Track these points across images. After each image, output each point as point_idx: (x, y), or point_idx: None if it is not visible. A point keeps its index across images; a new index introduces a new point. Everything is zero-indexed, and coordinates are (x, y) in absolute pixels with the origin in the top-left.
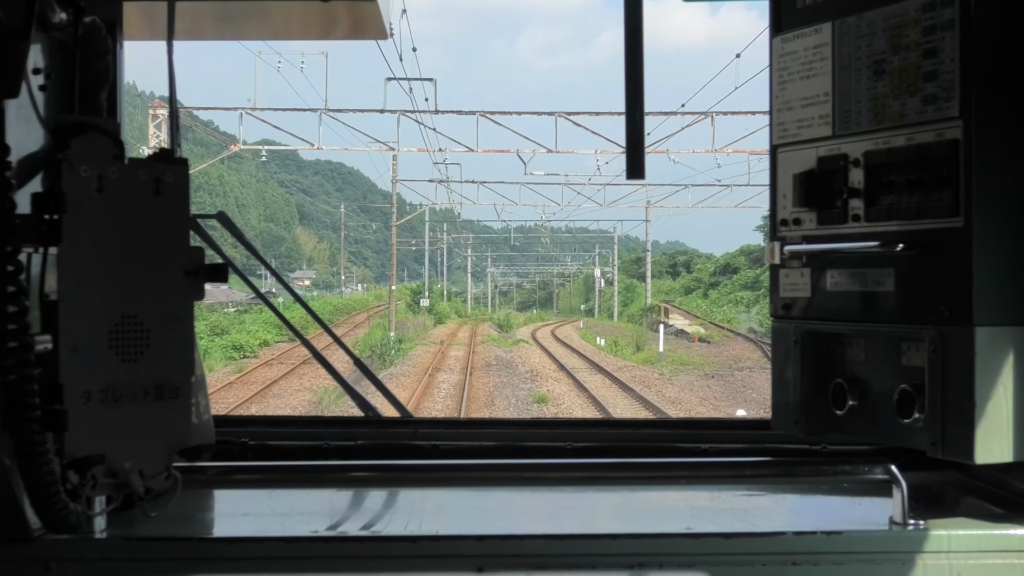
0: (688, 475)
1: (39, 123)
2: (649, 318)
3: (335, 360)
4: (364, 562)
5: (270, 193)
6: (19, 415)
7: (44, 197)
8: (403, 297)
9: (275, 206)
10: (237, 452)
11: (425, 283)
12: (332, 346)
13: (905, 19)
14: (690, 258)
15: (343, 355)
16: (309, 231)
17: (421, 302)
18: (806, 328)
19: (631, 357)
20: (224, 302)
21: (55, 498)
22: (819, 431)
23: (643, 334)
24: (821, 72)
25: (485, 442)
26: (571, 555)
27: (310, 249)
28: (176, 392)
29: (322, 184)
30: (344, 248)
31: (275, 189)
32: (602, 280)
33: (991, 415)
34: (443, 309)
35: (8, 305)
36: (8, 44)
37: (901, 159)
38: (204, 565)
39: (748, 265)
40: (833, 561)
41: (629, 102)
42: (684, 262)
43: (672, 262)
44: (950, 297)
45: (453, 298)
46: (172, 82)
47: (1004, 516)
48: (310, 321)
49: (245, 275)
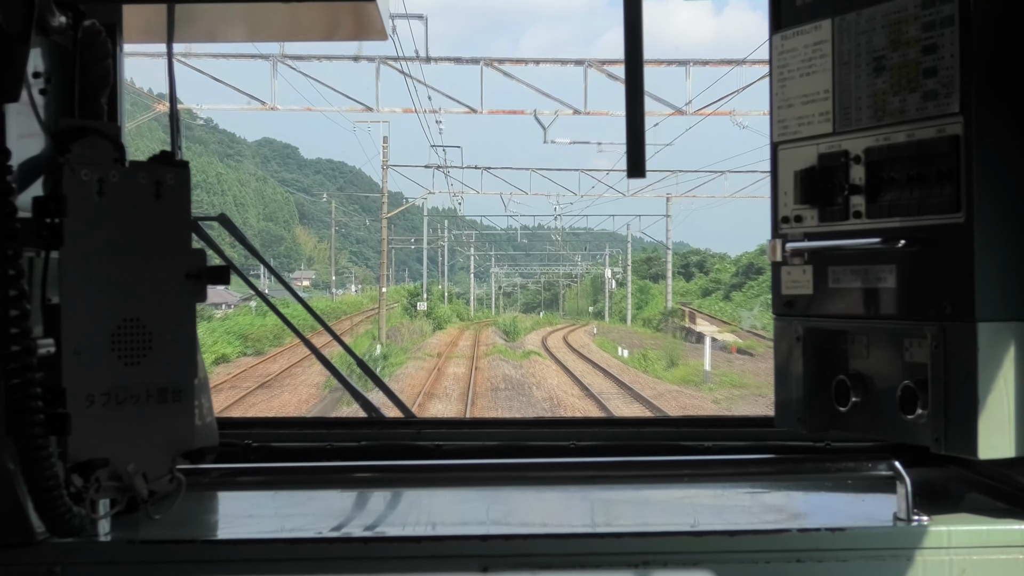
0: (692, 473)
1: (40, 127)
2: (670, 323)
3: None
4: (368, 563)
5: (269, 192)
6: (22, 419)
7: (45, 201)
8: (400, 300)
9: (274, 205)
10: (241, 454)
11: (423, 284)
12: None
13: (904, 15)
14: (703, 258)
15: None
16: (309, 230)
17: (418, 305)
18: (808, 325)
19: (665, 375)
20: (218, 303)
21: (59, 502)
22: (822, 428)
23: (675, 346)
24: (821, 69)
25: (488, 442)
26: (575, 554)
27: (310, 249)
28: (179, 394)
29: (323, 183)
30: (334, 245)
31: (274, 188)
32: (613, 281)
33: (994, 410)
34: (443, 313)
35: (10, 309)
36: (8, 48)
37: (902, 155)
38: (209, 567)
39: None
40: (837, 558)
41: (629, 102)
42: (697, 262)
43: (684, 262)
44: (952, 293)
45: (455, 300)
46: (172, 85)
47: (1008, 511)
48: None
49: (246, 276)
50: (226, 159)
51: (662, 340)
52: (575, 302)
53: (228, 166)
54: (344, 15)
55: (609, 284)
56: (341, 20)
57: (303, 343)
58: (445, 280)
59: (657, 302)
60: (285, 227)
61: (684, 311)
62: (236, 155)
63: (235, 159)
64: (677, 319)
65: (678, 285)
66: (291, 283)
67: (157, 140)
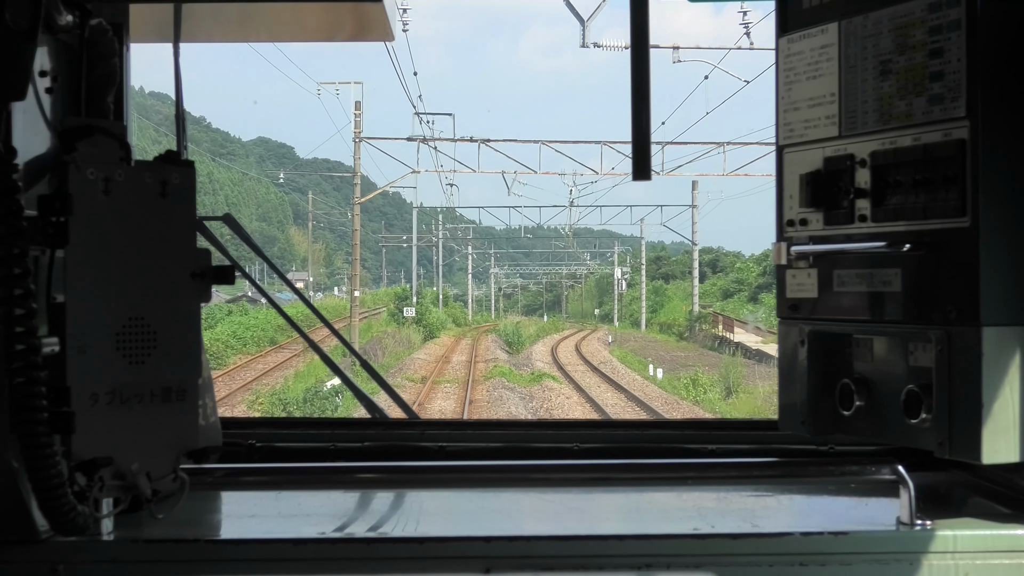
0: (695, 476)
1: (46, 125)
2: (698, 331)
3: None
4: (371, 563)
5: (263, 192)
6: (26, 417)
7: (51, 199)
8: (387, 303)
9: (268, 205)
10: (244, 454)
11: (412, 287)
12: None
13: (911, 19)
14: (715, 256)
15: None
16: (304, 231)
17: (405, 311)
18: (813, 328)
19: (725, 406)
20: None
21: (63, 500)
22: (826, 431)
23: (736, 369)
24: (827, 72)
25: (492, 443)
26: (578, 556)
27: (304, 250)
28: (183, 394)
29: (319, 183)
30: (312, 237)
31: (269, 187)
32: (623, 281)
33: (998, 415)
34: (435, 318)
35: (15, 308)
36: (15, 46)
37: (908, 159)
38: (211, 567)
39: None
40: (840, 562)
41: (635, 104)
42: (709, 261)
43: (705, 258)
44: (957, 297)
45: (452, 303)
46: (178, 84)
47: (1011, 516)
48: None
49: (251, 276)
50: (219, 159)
51: (693, 352)
52: (579, 304)
53: (221, 166)
54: (350, 15)
55: (619, 285)
56: (347, 20)
57: (308, 344)
58: (439, 279)
59: (673, 305)
60: (279, 228)
61: (717, 318)
62: (229, 154)
63: (228, 158)
64: (707, 326)
65: (656, 285)
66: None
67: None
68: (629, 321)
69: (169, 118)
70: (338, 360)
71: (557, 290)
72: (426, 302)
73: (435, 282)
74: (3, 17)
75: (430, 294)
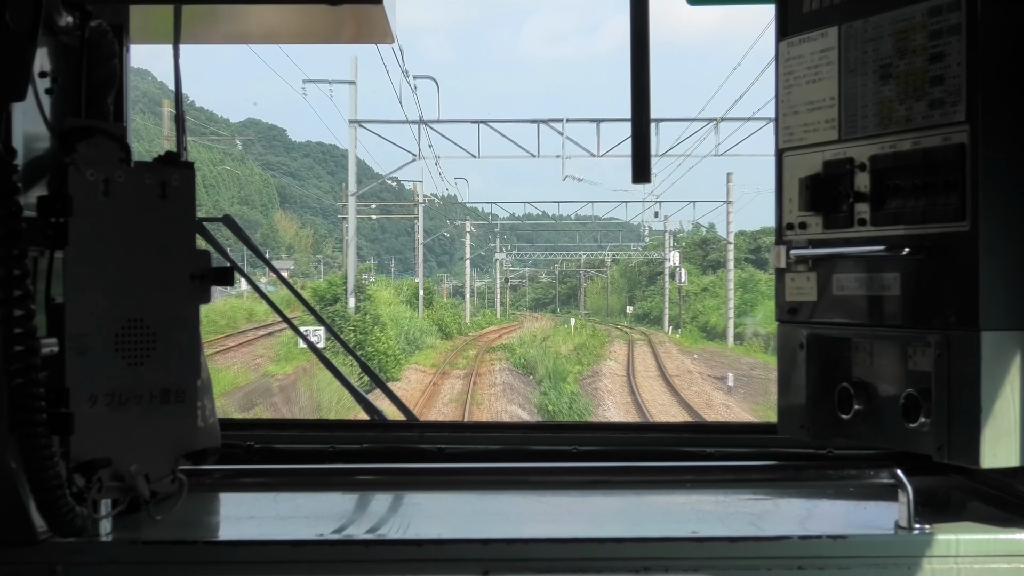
0: (694, 479)
1: (46, 126)
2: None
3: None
4: (369, 565)
5: (246, 173)
6: (25, 418)
7: (51, 200)
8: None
9: (250, 187)
10: (243, 455)
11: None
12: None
13: (911, 23)
14: (757, 245)
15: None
16: (292, 216)
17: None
18: (812, 332)
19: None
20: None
21: (61, 501)
22: (825, 435)
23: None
24: (827, 76)
25: (490, 446)
26: (576, 559)
27: (290, 236)
28: (182, 395)
29: (312, 167)
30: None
31: (252, 168)
32: (683, 271)
33: (997, 419)
34: (411, 326)
35: (15, 309)
36: (15, 47)
37: (907, 163)
38: (210, 568)
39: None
40: (839, 565)
41: (635, 106)
42: (769, 245)
43: (754, 246)
44: (956, 301)
45: (443, 299)
46: (178, 85)
47: (1010, 520)
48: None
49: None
50: (200, 137)
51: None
52: (601, 298)
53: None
54: (349, 18)
55: (676, 277)
56: (346, 23)
57: (308, 347)
58: (420, 269)
59: (764, 303)
60: (263, 211)
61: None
62: (212, 134)
63: (209, 138)
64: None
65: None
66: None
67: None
68: (696, 327)
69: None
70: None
71: (572, 281)
72: (402, 297)
73: (440, 272)
74: (3, 18)
75: (410, 286)
